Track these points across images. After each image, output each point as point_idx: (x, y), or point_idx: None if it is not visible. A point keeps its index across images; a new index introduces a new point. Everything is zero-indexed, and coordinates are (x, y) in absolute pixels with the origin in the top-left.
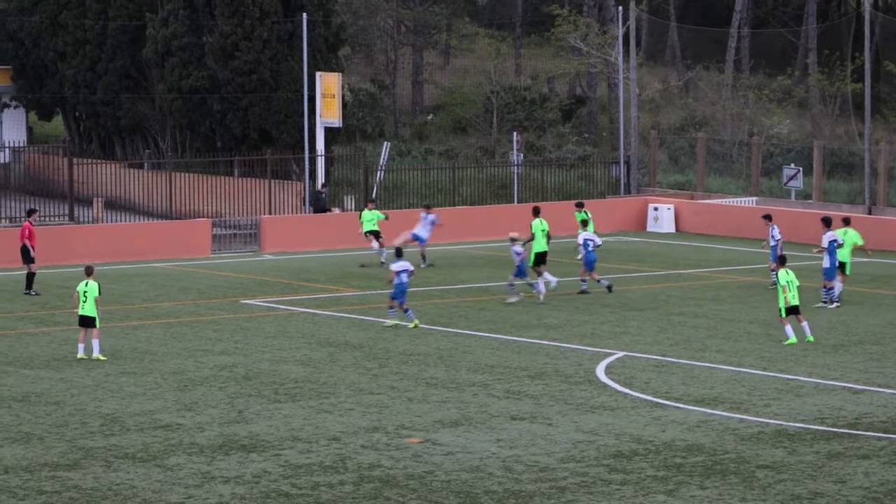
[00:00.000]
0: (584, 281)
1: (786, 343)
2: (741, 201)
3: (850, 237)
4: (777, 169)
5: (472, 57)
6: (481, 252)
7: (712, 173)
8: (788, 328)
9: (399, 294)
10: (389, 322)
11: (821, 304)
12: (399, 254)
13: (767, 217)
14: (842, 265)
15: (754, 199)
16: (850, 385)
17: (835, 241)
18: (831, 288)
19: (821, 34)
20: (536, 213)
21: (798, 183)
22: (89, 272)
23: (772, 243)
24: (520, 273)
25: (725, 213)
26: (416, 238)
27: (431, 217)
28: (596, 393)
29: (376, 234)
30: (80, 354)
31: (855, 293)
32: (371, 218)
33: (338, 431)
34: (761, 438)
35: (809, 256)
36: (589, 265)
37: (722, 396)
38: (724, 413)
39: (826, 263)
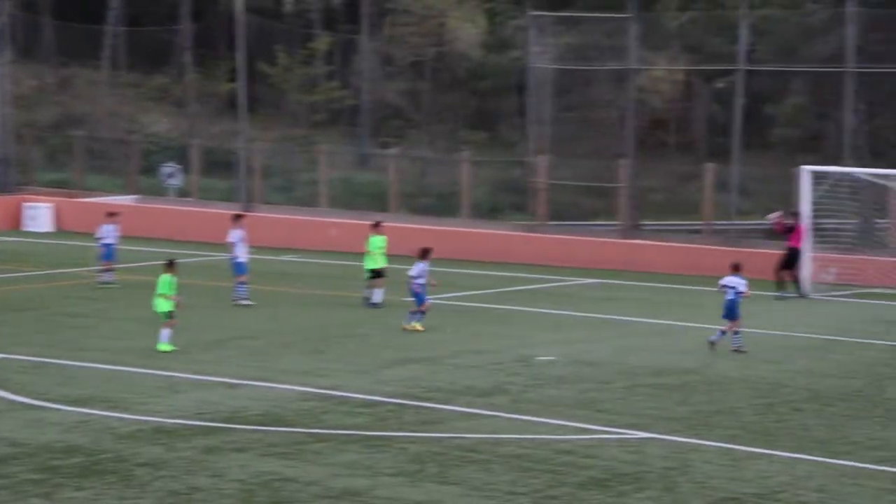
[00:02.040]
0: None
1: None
2: (121, 199)
3: (375, 242)
4: (156, 167)
5: None
6: None
7: (92, 171)
8: (164, 333)
9: None
10: None
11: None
12: None
13: (111, 214)
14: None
15: (133, 197)
16: (227, 380)
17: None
18: (242, 283)
19: (196, 33)
20: None
21: (177, 181)
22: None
23: (107, 241)
24: None
25: (104, 212)
26: None
27: None
28: None
29: None
30: None
31: (232, 289)
32: None
33: None
34: (139, 436)
35: (195, 255)
36: None
37: (100, 396)
38: (102, 412)
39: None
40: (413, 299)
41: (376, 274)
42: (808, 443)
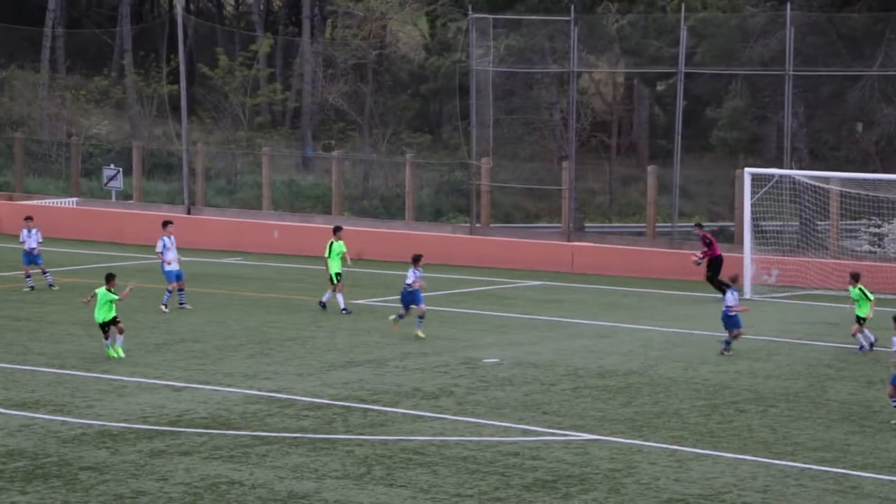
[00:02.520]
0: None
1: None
2: (62, 202)
3: (337, 247)
4: (98, 169)
5: None
6: None
7: (31, 174)
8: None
9: None
10: None
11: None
12: None
13: (28, 218)
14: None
15: (75, 199)
16: (172, 383)
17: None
18: (181, 290)
19: (136, 36)
20: None
21: (118, 183)
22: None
23: (30, 245)
24: None
25: (46, 214)
26: None
27: None
28: None
29: None
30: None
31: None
32: None
33: None
34: (84, 440)
35: (137, 258)
36: None
37: (44, 399)
38: (46, 416)
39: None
40: (401, 304)
41: (339, 277)
42: (751, 444)
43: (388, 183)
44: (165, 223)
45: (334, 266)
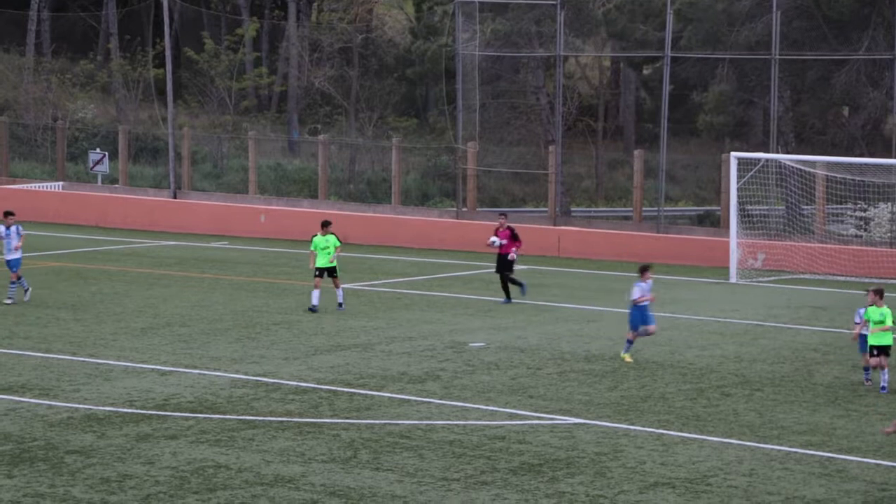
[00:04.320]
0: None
1: None
2: (48, 186)
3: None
4: (84, 153)
5: None
6: None
7: (17, 158)
8: None
9: None
10: None
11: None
12: None
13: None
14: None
15: (61, 183)
16: (158, 367)
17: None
18: (12, 281)
19: (122, 19)
20: None
21: (104, 167)
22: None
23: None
24: None
25: (32, 198)
26: None
27: None
28: None
29: None
30: None
31: (161, 276)
32: None
33: None
34: (70, 424)
35: (122, 242)
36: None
37: (30, 383)
38: (32, 400)
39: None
40: (629, 326)
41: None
42: (737, 428)
43: (374, 167)
44: (7, 213)
45: (318, 260)
